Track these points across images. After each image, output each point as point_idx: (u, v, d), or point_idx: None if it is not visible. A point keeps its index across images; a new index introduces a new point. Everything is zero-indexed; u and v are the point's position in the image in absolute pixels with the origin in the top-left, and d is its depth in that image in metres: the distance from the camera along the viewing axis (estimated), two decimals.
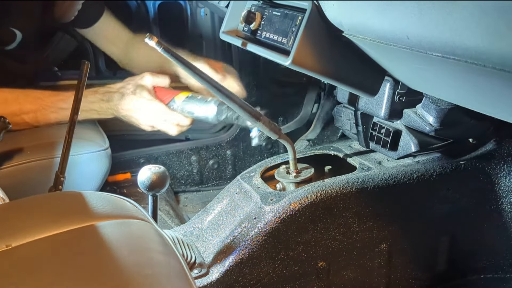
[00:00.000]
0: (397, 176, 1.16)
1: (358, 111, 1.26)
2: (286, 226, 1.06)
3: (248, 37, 1.06)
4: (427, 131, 1.11)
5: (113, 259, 0.62)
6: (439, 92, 0.92)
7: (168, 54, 0.93)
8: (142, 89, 1.31)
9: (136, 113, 1.32)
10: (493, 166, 1.22)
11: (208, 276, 1.04)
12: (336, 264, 1.15)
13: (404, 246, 1.22)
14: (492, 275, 1.30)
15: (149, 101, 1.30)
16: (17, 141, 1.33)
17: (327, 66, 0.89)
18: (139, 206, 0.79)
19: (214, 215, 1.17)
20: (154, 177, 1.01)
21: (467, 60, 0.56)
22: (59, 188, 0.96)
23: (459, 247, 1.27)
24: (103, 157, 1.37)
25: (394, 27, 0.65)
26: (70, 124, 0.97)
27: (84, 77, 0.97)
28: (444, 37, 0.56)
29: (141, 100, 1.30)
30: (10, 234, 0.65)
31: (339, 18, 0.78)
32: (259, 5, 1.04)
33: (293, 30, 0.89)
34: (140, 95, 1.30)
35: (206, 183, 1.86)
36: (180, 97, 1.32)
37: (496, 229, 1.26)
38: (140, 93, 1.30)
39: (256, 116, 1.06)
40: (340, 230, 1.12)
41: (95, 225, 0.68)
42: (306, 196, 1.08)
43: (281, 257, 1.08)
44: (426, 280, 1.28)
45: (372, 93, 0.97)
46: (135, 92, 1.30)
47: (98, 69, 2.02)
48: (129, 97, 1.30)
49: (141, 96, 1.30)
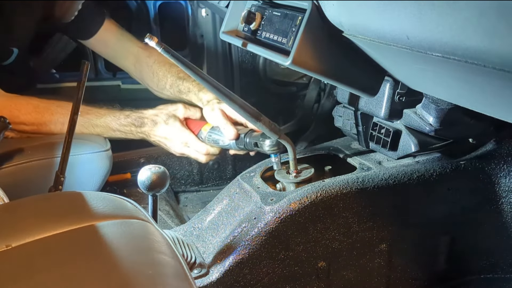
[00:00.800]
0: (397, 176, 1.16)
1: (358, 111, 1.26)
2: (286, 226, 1.07)
3: (248, 37, 1.06)
4: (427, 131, 1.11)
5: (113, 259, 0.62)
6: (439, 92, 0.92)
7: (168, 54, 0.93)
8: (175, 120, 1.37)
9: (168, 141, 1.39)
10: (493, 166, 1.22)
11: (208, 276, 1.04)
12: (336, 264, 1.15)
13: (404, 246, 1.22)
14: (492, 275, 1.30)
15: (181, 132, 1.37)
16: (17, 141, 1.33)
17: (327, 66, 0.89)
18: (139, 206, 0.79)
19: (214, 215, 1.17)
20: (154, 177, 1.01)
21: (467, 60, 0.56)
22: (59, 188, 0.96)
23: (459, 247, 1.27)
24: (103, 158, 1.37)
25: (394, 27, 0.65)
26: (70, 124, 0.97)
27: (84, 77, 0.97)
28: (444, 37, 0.56)
29: (173, 130, 1.37)
30: (10, 234, 0.65)
31: (339, 18, 0.78)
32: (259, 5, 1.04)
33: (293, 30, 0.89)
34: (172, 125, 1.36)
35: (206, 183, 1.86)
36: (206, 128, 1.38)
37: (496, 229, 1.26)
38: (173, 123, 1.36)
39: (256, 116, 1.06)
40: (340, 230, 1.12)
41: (95, 225, 0.68)
42: (306, 196, 1.08)
43: (281, 257, 1.08)
44: (426, 280, 1.28)
45: (372, 93, 0.97)
46: (167, 121, 1.37)
47: (97, 71, 2.02)
48: (162, 125, 1.37)
49: (173, 126, 1.36)
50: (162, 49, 0.92)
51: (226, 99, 1.02)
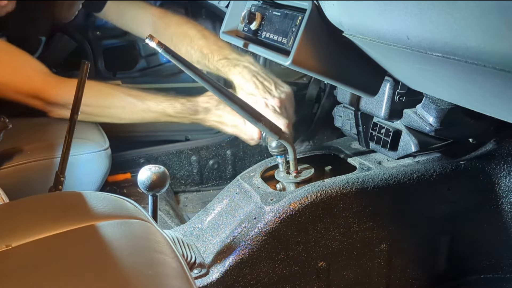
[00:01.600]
0: (397, 176, 1.16)
1: (358, 111, 1.26)
2: (286, 226, 1.06)
3: (248, 37, 1.06)
4: (427, 131, 1.10)
5: (113, 259, 0.62)
6: (439, 92, 0.92)
7: (169, 55, 0.93)
8: (225, 105, 1.40)
9: (221, 125, 1.44)
10: (493, 166, 1.22)
11: (208, 276, 1.04)
12: (336, 264, 1.15)
13: (404, 246, 1.22)
14: (492, 275, 1.30)
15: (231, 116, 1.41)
16: (17, 141, 1.33)
17: (327, 66, 0.89)
18: (139, 206, 0.79)
19: (214, 215, 1.17)
20: (154, 177, 1.01)
21: (468, 60, 0.56)
22: (59, 188, 0.96)
23: (459, 247, 1.27)
24: (103, 157, 1.37)
25: (394, 27, 0.65)
26: (70, 124, 0.97)
27: (84, 77, 0.97)
28: (444, 37, 0.56)
29: (226, 115, 1.41)
30: (10, 234, 0.65)
31: (339, 18, 0.78)
32: (259, 5, 1.04)
33: (293, 30, 0.89)
34: (224, 110, 1.41)
35: (206, 183, 1.85)
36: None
37: (496, 229, 1.26)
38: (224, 108, 1.41)
39: (257, 116, 1.06)
40: (340, 230, 1.12)
41: (95, 225, 0.68)
42: (306, 196, 1.08)
43: (281, 257, 1.08)
44: (426, 280, 1.28)
45: (372, 93, 0.97)
46: (218, 107, 1.42)
47: (97, 70, 2.02)
48: (214, 111, 1.42)
49: (225, 111, 1.41)
50: (162, 49, 0.92)
51: (227, 99, 1.02)
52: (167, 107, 1.42)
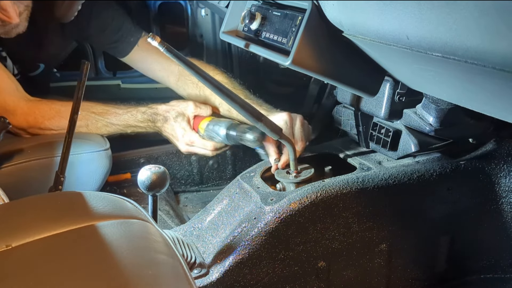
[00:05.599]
0: (397, 176, 1.16)
1: (358, 111, 1.26)
2: (286, 226, 1.06)
3: (248, 37, 1.06)
4: (427, 131, 1.11)
5: (113, 259, 0.62)
6: (439, 92, 0.92)
7: (171, 54, 0.94)
8: (183, 118, 1.40)
9: (174, 139, 1.43)
10: (493, 166, 1.22)
11: (208, 276, 1.04)
12: (336, 264, 1.15)
13: (404, 246, 1.22)
14: (492, 275, 1.30)
15: (185, 131, 1.40)
16: (17, 141, 1.33)
17: (327, 66, 0.89)
18: (139, 206, 0.79)
19: (214, 215, 1.18)
20: (154, 177, 1.01)
21: (467, 60, 0.56)
22: (59, 188, 0.96)
23: (459, 247, 1.27)
24: (103, 157, 1.37)
25: (394, 27, 0.65)
26: (70, 124, 0.97)
27: (84, 77, 0.97)
28: (444, 37, 0.56)
29: (179, 130, 1.41)
30: (10, 234, 0.65)
31: (339, 18, 0.78)
32: (259, 5, 1.04)
33: (293, 30, 0.89)
34: (179, 124, 1.40)
35: (206, 183, 1.85)
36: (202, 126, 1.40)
37: (496, 229, 1.26)
38: (181, 122, 1.40)
39: (258, 116, 1.06)
40: (340, 230, 1.12)
41: (95, 225, 0.68)
42: (306, 196, 1.08)
43: (281, 257, 1.08)
44: (426, 280, 1.28)
45: (372, 93, 0.97)
46: (176, 119, 1.40)
47: (97, 70, 2.02)
48: (171, 122, 1.41)
49: (180, 125, 1.40)
50: (164, 48, 0.92)
51: (227, 99, 1.02)
52: (128, 119, 1.42)
